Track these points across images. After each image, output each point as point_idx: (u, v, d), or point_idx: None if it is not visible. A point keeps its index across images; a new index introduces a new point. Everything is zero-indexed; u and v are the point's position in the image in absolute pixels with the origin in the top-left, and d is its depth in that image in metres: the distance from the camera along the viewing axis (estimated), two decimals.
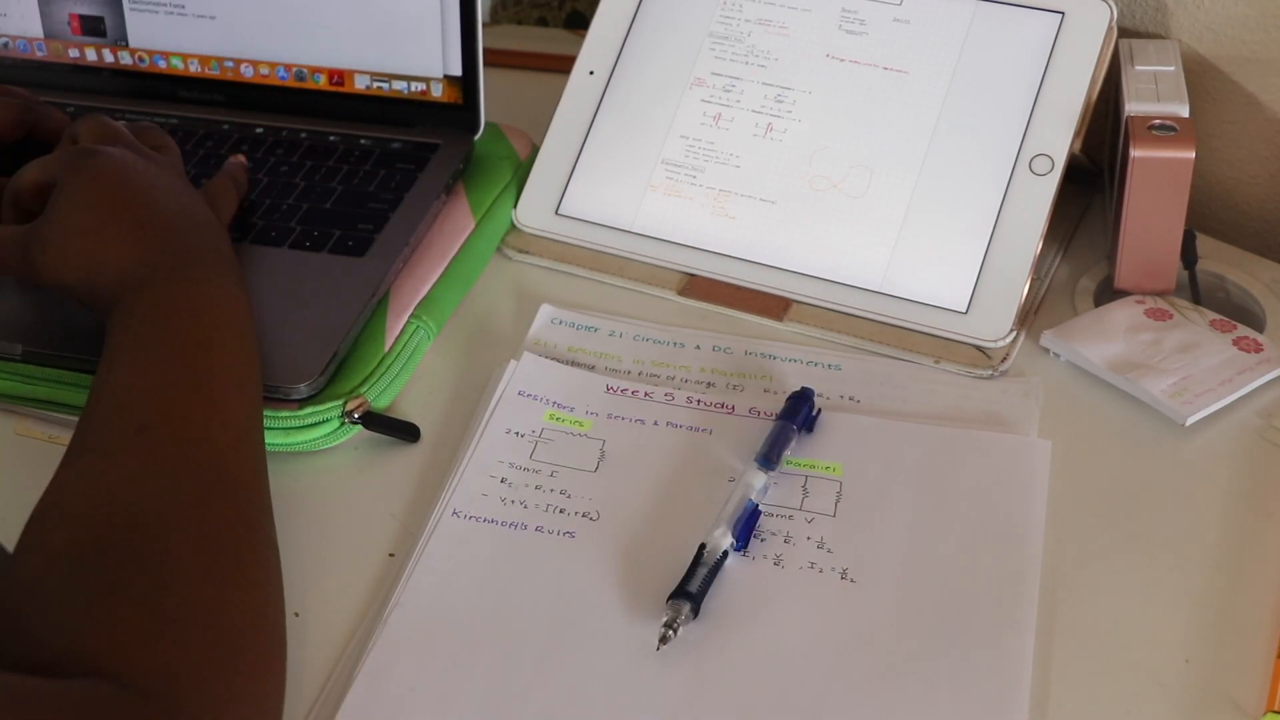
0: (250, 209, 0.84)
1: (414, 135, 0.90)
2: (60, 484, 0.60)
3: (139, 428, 0.61)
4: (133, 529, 0.57)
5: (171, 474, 0.60)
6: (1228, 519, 0.68)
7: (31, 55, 0.96)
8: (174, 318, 0.66)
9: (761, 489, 0.68)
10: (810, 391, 0.73)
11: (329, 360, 0.73)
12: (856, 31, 0.85)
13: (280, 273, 0.80)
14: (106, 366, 0.64)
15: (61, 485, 0.60)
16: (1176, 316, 0.78)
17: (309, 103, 0.92)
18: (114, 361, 0.64)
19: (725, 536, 0.65)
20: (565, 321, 0.81)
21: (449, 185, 0.86)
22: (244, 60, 0.92)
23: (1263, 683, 0.60)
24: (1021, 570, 0.65)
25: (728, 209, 0.84)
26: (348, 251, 0.81)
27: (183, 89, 0.94)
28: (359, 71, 0.91)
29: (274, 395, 0.72)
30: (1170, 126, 0.76)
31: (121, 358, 0.64)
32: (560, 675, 0.61)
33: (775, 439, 0.70)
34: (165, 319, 0.66)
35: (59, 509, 0.59)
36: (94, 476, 0.60)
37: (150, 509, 0.58)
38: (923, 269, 0.79)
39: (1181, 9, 0.85)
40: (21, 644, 0.53)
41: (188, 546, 0.57)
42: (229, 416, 0.64)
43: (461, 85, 0.89)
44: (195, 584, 0.56)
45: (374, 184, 0.86)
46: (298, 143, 0.90)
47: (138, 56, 0.94)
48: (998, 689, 0.60)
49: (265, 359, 0.72)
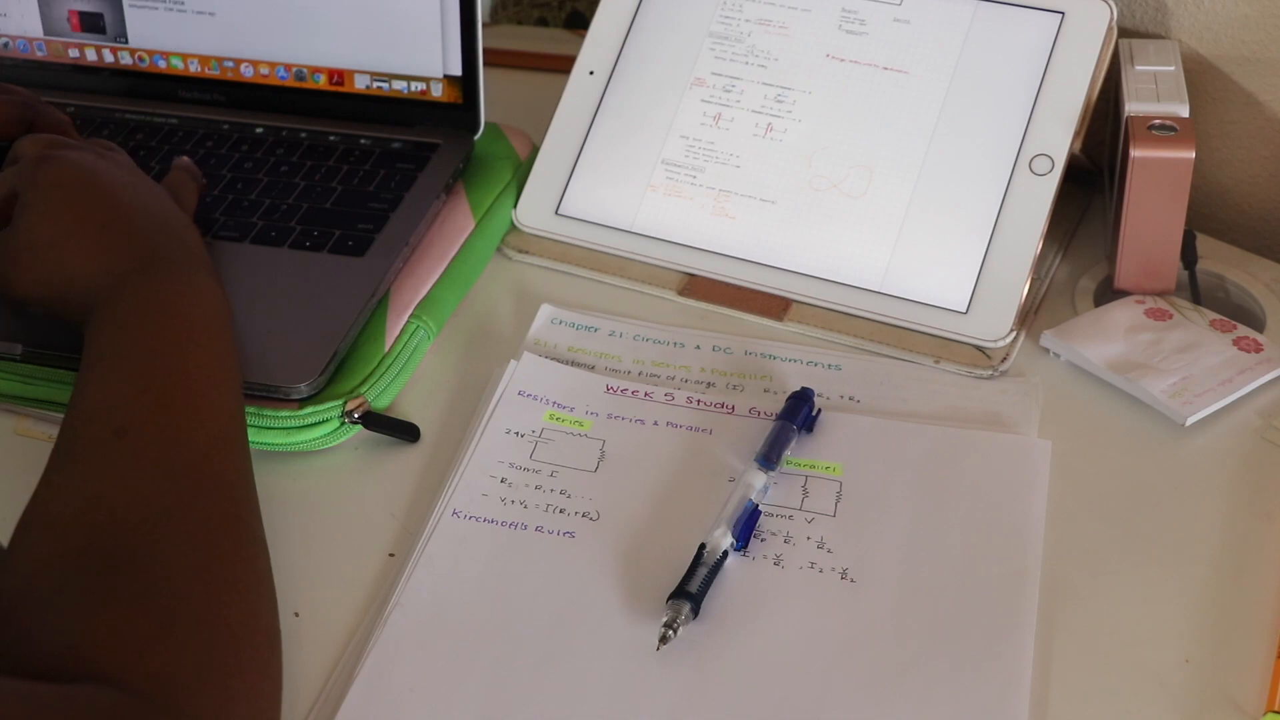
0: (250, 209, 0.84)
1: (414, 135, 0.90)
2: (44, 492, 0.60)
3: (117, 431, 0.61)
4: (119, 533, 0.57)
5: (153, 477, 0.60)
6: (1228, 519, 0.68)
7: (32, 55, 0.96)
8: (147, 319, 0.66)
9: (761, 489, 0.68)
10: (810, 391, 0.73)
11: (329, 360, 0.73)
12: (856, 31, 0.85)
13: (280, 272, 0.80)
14: (83, 374, 0.64)
15: (45, 493, 0.60)
16: (1176, 316, 0.78)
17: (309, 102, 0.92)
18: (90, 368, 0.64)
19: (725, 537, 0.65)
20: (565, 321, 0.81)
21: (449, 185, 0.86)
22: (244, 60, 0.92)
23: (1263, 683, 0.60)
24: (1021, 570, 0.65)
25: (728, 209, 0.84)
26: (348, 251, 0.81)
27: (183, 89, 0.94)
28: (359, 71, 0.91)
29: (274, 395, 0.72)
30: (1170, 126, 0.76)
31: (97, 364, 0.64)
32: (560, 675, 0.61)
33: (775, 439, 0.70)
34: (138, 322, 0.66)
35: (44, 517, 0.59)
36: (77, 483, 0.60)
37: (135, 513, 0.58)
38: (923, 269, 0.79)
39: (1181, 9, 0.85)
40: (18, 650, 0.53)
41: (175, 548, 0.57)
42: (208, 416, 0.63)
43: (462, 85, 0.89)
44: (186, 585, 0.56)
45: (374, 184, 0.86)
46: (297, 142, 0.90)
47: (137, 56, 0.94)
48: (998, 689, 0.60)
49: (265, 359, 0.72)
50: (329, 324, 0.75)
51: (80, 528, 0.57)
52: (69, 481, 0.60)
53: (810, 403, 0.73)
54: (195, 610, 0.56)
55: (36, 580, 0.56)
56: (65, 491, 0.59)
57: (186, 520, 0.59)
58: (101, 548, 0.56)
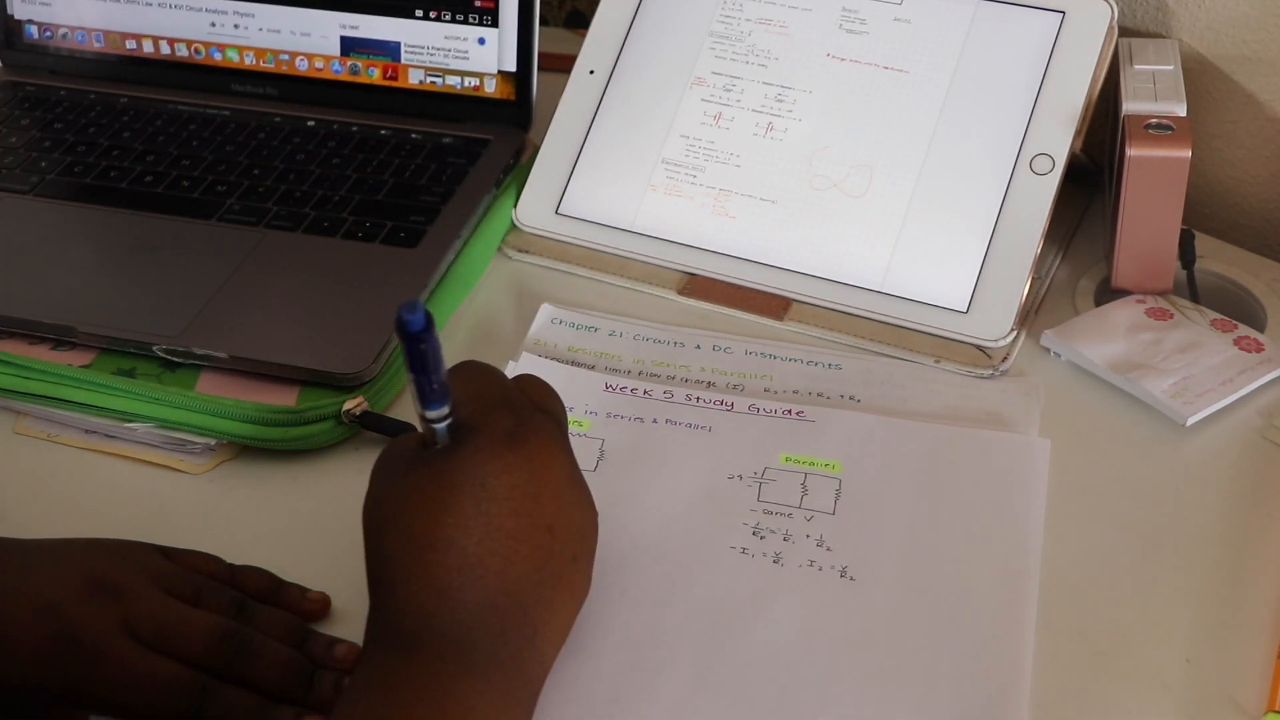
0: (303, 199, 0.86)
1: (465, 130, 0.91)
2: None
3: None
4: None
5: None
6: (1228, 519, 0.68)
7: (89, 46, 0.97)
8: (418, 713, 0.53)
9: None
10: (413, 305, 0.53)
11: (381, 348, 0.74)
12: (857, 31, 0.84)
13: (333, 262, 0.81)
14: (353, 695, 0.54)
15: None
16: (1177, 316, 0.78)
17: (360, 97, 0.94)
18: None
19: None
20: (565, 321, 0.81)
21: (500, 180, 0.87)
22: (299, 54, 0.93)
23: (1263, 683, 0.60)
24: (1021, 570, 0.65)
25: (728, 208, 0.83)
26: (400, 243, 0.82)
27: (236, 82, 0.95)
28: (413, 66, 0.91)
29: (327, 382, 0.73)
30: (1167, 125, 0.76)
31: None
32: (558, 675, 0.61)
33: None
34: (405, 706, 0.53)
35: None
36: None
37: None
38: (923, 268, 0.79)
39: (1182, 8, 0.85)
40: None
41: None
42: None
43: (515, 81, 0.90)
44: None
45: (425, 177, 0.87)
46: (349, 136, 0.92)
47: (193, 49, 0.95)
48: (998, 688, 0.60)
49: (318, 346, 0.74)
50: (382, 313, 0.76)
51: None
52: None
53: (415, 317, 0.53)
54: None
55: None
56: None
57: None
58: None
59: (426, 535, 0.54)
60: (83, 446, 0.73)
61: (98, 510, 0.70)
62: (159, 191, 0.87)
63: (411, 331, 0.51)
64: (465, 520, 0.54)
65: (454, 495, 0.54)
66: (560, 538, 0.56)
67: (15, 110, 0.95)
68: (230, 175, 0.88)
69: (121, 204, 0.86)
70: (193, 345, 0.75)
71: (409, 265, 0.80)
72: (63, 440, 0.74)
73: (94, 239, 0.84)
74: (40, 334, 0.77)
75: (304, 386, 0.74)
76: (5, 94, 0.97)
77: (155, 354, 0.75)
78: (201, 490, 0.71)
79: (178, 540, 0.65)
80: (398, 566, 0.54)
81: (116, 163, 0.89)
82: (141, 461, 0.72)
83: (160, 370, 0.75)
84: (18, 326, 0.77)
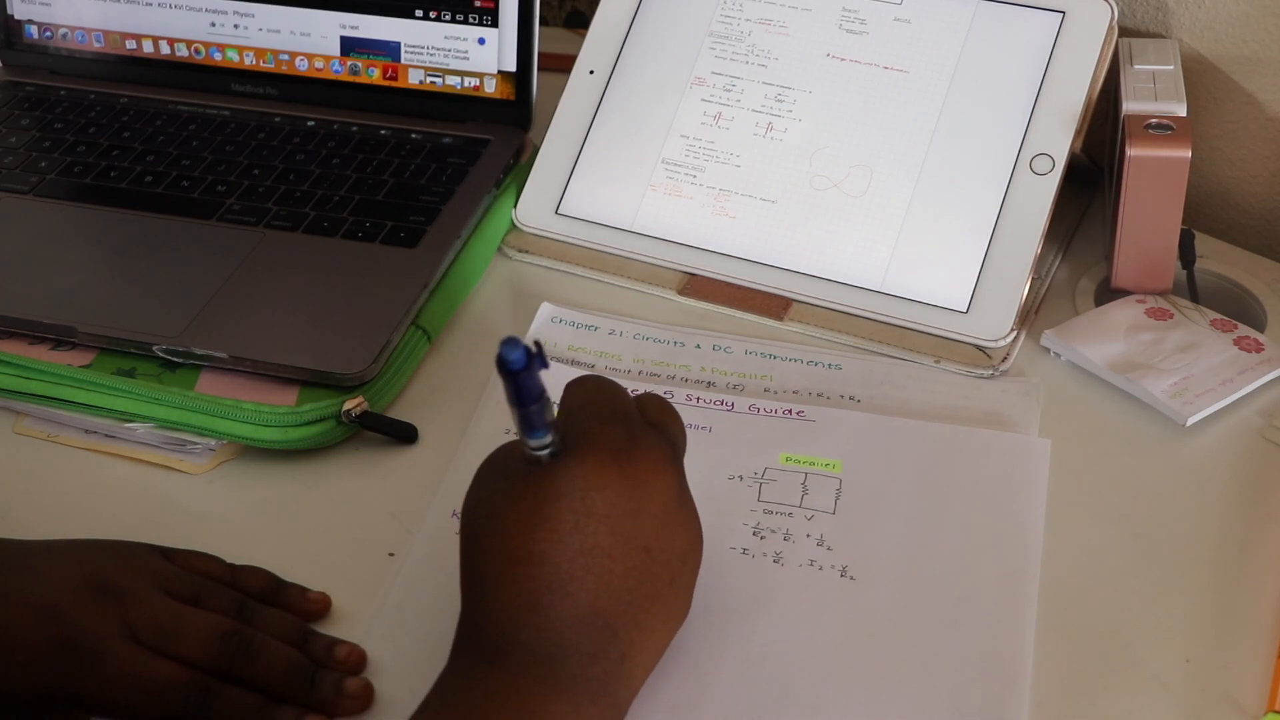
0: (303, 199, 0.86)
1: (465, 130, 0.91)
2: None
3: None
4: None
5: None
6: (1228, 519, 0.68)
7: (89, 46, 0.97)
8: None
9: None
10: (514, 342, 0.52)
11: (381, 348, 0.74)
12: (857, 31, 0.84)
13: (334, 262, 0.81)
14: None
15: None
16: (1177, 316, 0.78)
17: (360, 97, 0.94)
18: None
19: None
20: (565, 321, 0.81)
21: (500, 180, 0.87)
22: (298, 54, 0.94)
23: (1263, 683, 0.60)
24: (1021, 569, 0.65)
25: (728, 208, 0.83)
26: (400, 243, 0.82)
27: (236, 82, 0.95)
28: (413, 66, 0.92)
29: (327, 382, 0.73)
30: (1167, 125, 0.76)
31: None
32: None
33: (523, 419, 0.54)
34: None
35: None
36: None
37: None
38: (923, 268, 0.79)
39: (1182, 8, 0.85)
40: None
41: None
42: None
43: (515, 81, 0.90)
44: None
45: (425, 177, 0.88)
46: (349, 136, 0.92)
47: (193, 49, 0.95)
48: (997, 688, 0.60)
49: (318, 346, 0.74)
50: (382, 313, 0.76)
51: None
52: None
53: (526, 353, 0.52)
54: None
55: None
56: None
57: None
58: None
59: (522, 548, 0.53)
60: (83, 447, 0.73)
61: (98, 510, 0.70)
62: (159, 191, 0.87)
63: (512, 370, 0.51)
64: (561, 535, 0.53)
65: (553, 509, 0.53)
66: (659, 559, 0.55)
67: (15, 110, 0.95)
68: (230, 175, 0.88)
69: (121, 204, 0.86)
70: (193, 345, 0.75)
71: (409, 265, 0.80)
72: (63, 440, 0.74)
73: (94, 239, 0.84)
74: (40, 334, 0.77)
75: (304, 386, 0.73)
76: (5, 94, 0.97)
77: (155, 354, 0.75)
78: (201, 490, 0.71)
79: (178, 540, 0.65)
80: (490, 576, 0.54)
81: (116, 163, 0.90)
82: (141, 461, 0.72)
83: (160, 370, 0.75)
84: (18, 326, 0.77)
